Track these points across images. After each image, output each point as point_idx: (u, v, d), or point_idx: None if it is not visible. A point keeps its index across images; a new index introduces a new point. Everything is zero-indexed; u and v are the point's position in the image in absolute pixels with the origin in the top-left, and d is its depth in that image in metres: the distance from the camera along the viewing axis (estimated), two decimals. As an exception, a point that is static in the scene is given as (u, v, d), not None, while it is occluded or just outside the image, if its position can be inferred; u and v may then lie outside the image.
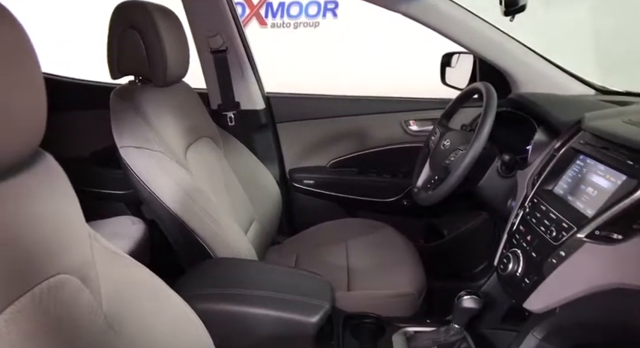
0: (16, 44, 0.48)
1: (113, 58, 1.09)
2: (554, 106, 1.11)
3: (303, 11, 4.58)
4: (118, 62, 1.09)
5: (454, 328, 0.95)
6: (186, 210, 1.05)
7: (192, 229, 1.05)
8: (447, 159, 1.17)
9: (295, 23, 4.53)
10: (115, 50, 1.08)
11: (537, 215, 0.89)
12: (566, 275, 0.76)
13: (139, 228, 1.61)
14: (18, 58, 0.48)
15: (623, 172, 0.75)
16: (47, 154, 0.60)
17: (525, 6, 0.81)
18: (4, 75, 0.46)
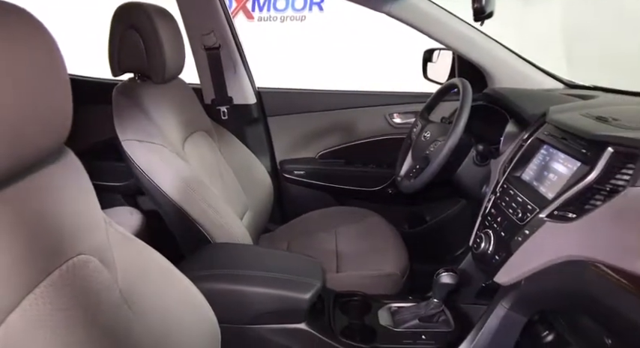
0: (46, 50, 0.54)
1: (114, 57, 1.14)
2: (523, 100, 1.19)
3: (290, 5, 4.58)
4: (118, 60, 1.14)
5: (433, 302, 1.04)
6: (186, 199, 1.11)
7: (192, 217, 1.11)
8: (428, 149, 1.26)
9: (282, 17, 4.52)
10: (116, 49, 1.13)
11: (506, 199, 0.98)
12: (529, 251, 0.85)
13: (137, 218, 1.67)
14: (48, 62, 0.54)
15: (579, 160, 0.84)
16: (69, 149, 0.67)
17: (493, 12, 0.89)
18: (36, 79, 0.52)
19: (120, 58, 1.14)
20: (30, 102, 0.51)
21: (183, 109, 1.30)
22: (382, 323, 1.08)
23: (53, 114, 0.56)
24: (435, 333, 1.04)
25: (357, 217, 1.62)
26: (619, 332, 0.71)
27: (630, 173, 0.72)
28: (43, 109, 0.54)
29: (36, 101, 0.52)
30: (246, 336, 0.95)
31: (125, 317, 0.71)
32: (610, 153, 0.77)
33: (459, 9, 1.47)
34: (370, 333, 1.05)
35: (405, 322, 1.06)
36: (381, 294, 1.21)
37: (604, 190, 0.76)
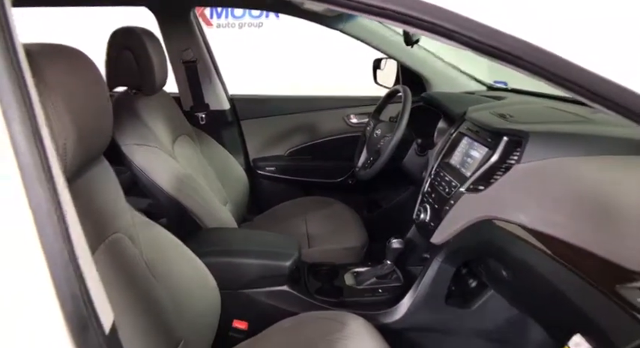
0: (95, 80, 0.71)
1: (111, 73, 1.29)
2: (450, 102, 1.45)
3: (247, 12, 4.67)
4: (115, 76, 1.29)
5: (387, 263, 1.28)
6: (180, 192, 1.28)
7: (186, 206, 1.29)
8: (379, 144, 1.49)
9: (240, 23, 4.58)
10: (113, 67, 1.28)
11: (438, 179, 1.23)
12: (454, 216, 1.10)
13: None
14: (97, 90, 0.71)
15: (486, 146, 1.10)
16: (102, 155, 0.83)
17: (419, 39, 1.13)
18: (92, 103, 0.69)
19: (116, 75, 1.29)
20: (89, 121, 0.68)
21: (170, 116, 1.46)
22: (347, 283, 1.31)
23: (101, 130, 0.73)
24: (388, 287, 1.27)
25: (322, 205, 1.84)
26: (511, 266, 0.96)
27: (517, 155, 0.98)
28: (96, 126, 0.71)
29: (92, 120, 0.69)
30: (239, 298, 1.14)
31: (150, 283, 0.88)
32: (505, 141, 1.03)
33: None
34: (338, 291, 1.27)
35: (365, 281, 1.29)
36: (346, 262, 1.44)
37: (502, 168, 1.02)
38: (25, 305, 0.40)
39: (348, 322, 1.04)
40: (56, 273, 0.40)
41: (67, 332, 0.40)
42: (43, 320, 0.40)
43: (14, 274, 0.40)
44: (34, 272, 0.40)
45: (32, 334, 0.40)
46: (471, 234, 1.05)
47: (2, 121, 0.40)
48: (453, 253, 1.13)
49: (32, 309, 0.40)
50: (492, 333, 1.17)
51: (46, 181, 0.40)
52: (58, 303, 0.40)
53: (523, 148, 0.95)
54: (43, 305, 0.40)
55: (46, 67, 0.59)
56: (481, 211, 1.02)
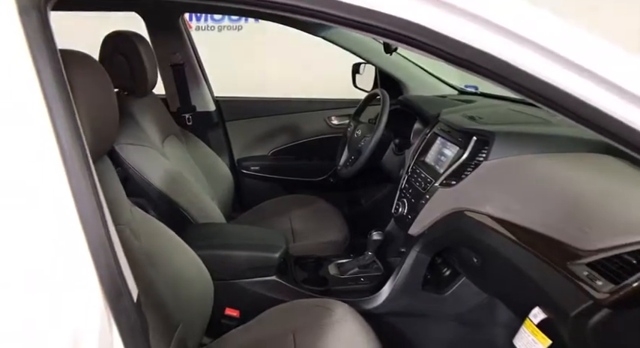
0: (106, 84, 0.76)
1: None
2: (425, 105, 1.55)
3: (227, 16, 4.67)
4: None
5: (368, 254, 1.36)
6: (172, 189, 1.33)
7: (177, 202, 1.33)
8: (359, 143, 1.57)
9: (219, 26, 4.58)
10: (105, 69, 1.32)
11: (415, 176, 1.32)
12: (429, 209, 1.19)
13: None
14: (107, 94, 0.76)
15: (457, 145, 1.19)
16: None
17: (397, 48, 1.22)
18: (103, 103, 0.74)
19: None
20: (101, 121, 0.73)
21: (160, 116, 1.50)
22: (332, 273, 1.38)
23: (109, 129, 0.78)
24: (370, 276, 1.36)
25: (305, 202, 1.90)
26: (481, 252, 1.06)
27: (485, 153, 1.08)
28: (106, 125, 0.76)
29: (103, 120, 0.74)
30: (231, 288, 1.20)
31: (149, 272, 0.93)
32: (474, 140, 1.13)
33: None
34: (323, 281, 1.35)
35: (349, 270, 1.37)
36: (329, 255, 1.51)
37: (472, 165, 1.11)
38: (68, 275, 0.46)
39: (334, 309, 1.11)
40: (94, 246, 0.46)
41: (104, 300, 0.46)
42: (83, 288, 0.46)
43: (58, 247, 0.45)
44: (75, 245, 0.46)
45: (75, 301, 0.46)
46: (445, 225, 1.14)
47: (47, 115, 0.46)
48: (429, 243, 1.22)
49: (74, 278, 0.46)
50: (464, 316, 1.27)
51: (84, 165, 0.47)
52: (96, 274, 0.46)
53: (490, 147, 1.06)
54: (84, 275, 0.46)
55: (67, 71, 0.64)
56: (453, 204, 1.11)
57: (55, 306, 0.45)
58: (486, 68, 0.50)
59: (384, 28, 0.52)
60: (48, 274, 0.45)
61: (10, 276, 0.43)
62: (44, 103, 0.46)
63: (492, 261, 1.02)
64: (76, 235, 0.46)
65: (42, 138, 0.45)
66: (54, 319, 0.44)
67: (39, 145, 0.45)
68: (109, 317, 0.47)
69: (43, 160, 0.45)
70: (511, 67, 0.49)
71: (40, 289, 0.44)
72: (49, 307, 0.45)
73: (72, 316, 0.45)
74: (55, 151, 0.46)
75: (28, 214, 0.44)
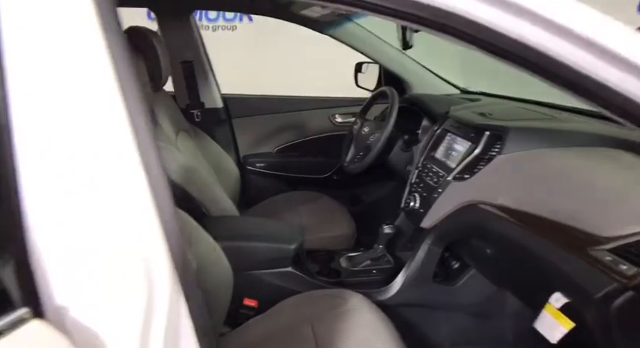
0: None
1: None
2: (433, 103, 1.58)
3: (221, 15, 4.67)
4: None
5: (379, 248, 1.38)
6: (187, 182, 1.32)
7: (193, 196, 1.33)
8: (368, 140, 1.59)
9: (214, 26, 4.56)
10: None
11: (426, 171, 1.34)
12: (442, 202, 1.21)
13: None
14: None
15: (469, 141, 1.22)
16: None
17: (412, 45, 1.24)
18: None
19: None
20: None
21: (172, 112, 1.50)
22: (343, 266, 1.39)
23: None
24: (381, 268, 1.37)
25: (311, 198, 1.91)
26: (494, 243, 1.08)
27: (498, 147, 1.10)
28: None
29: None
30: (249, 279, 1.20)
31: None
32: (487, 135, 1.15)
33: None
34: (336, 273, 1.36)
35: (360, 263, 1.38)
36: (338, 248, 1.52)
37: (484, 159, 1.14)
38: (142, 246, 0.46)
39: (349, 298, 1.12)
40: (164, 219, 0.46)
41: (172, 269, 0.47)
42: (155, 258, 0.46)
43: (134, 220, 0.46)
44: (148, 218, 0.46)
45: (148, 270, 0.46)
46: (458, 217, 1.16)
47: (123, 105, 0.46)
48: (441, 235, 1.24)
49: (148, 249, 0.46)
50: (473, 307, 1.30)
51: (152, 147, 0.47)
52: (166, 246, 0.47)
53: (504, 141, 1.08)
54: (156, 246, 0.46)
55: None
56: (467, 197, 1.14)
57: (131, 271, 0.46)
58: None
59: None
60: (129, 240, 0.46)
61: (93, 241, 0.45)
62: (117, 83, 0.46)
63: (507, 251, 1.04)
64: (148, 205, 0.47)
65: (114, 111, 0.46)
66: (130, 284, 0.45)
67: (112, 119, 0.46)
68: (177, 288, 0.48)
69: (117, 136, 0.46)
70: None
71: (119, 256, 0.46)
72: (126, 272, 0.46)
73: (146, 283, 0.46)
74: (127, 126, 0.46)
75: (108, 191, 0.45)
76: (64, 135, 0.45)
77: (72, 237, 0.45)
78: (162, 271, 0.48)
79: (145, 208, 0.47)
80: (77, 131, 0.45)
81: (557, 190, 0.90)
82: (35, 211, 0.43)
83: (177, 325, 0.49)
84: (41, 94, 0.44)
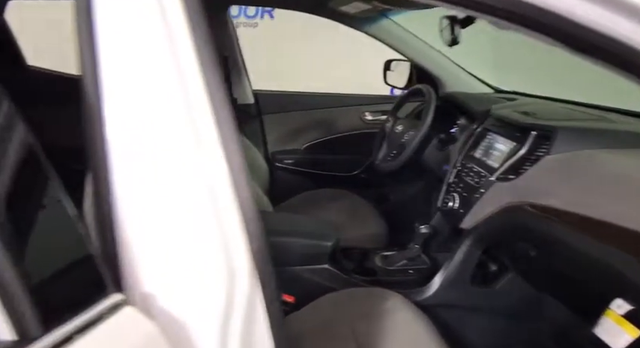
0: None
1: None
2: (471, 102, 1.55)
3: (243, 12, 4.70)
4: None
5: (415, 247, 1.36)
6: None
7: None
8: (402, 138, 1.57)
9: (235, 23, 4.59)
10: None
11: (465, 171, 1.32)
12: (484, 202, 1.19)
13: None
14: None
15: (513, 140, 1.19)
16: None
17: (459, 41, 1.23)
18: None
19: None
20: None
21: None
22: (378, 265, 1.38)
23: None
24: (417, 269, 1.36)
25: (338, 196, 1.90)
26: (542, 246, 1.06)
27: (546, 147, 1.07)
28: None
29: None
30: (286, 275, 1.20)
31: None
32: (533, 135, 1.12)
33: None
34: (372, 271, 1.34)
35: (396, 262, 1.37)
36: (371, 247, 1.51)
37: (530, 159, 1.11)
38: (224, 235, 0.47)
39: (387, 298, 1.11)
40: (244, 208, 0.47)
41: (251, 257, 0.47)
42: (235, 246, 0.47)
43: (217, 210, 0.46)
44: (230, 208, 0.47)
45: (229, 258, 0.47)
46: (501, 218, 1.14)
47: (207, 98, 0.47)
48: (482, 236, 1.22)
49: (229, 237, 0.47)
50: (511, 310, 1.27)
51: (235, 141, 0.48)
52: (245, 234, 0.47)
53: (552, 142, 1.05)
54: (236, 234, 0.47)
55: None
56: (511, 197, 1.11)
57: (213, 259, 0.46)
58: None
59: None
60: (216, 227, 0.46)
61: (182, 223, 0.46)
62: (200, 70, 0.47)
63: (558, 254, 1.02)
64: (230, 196, 0.47)
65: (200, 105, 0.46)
66: (213, 272, 0.46)
67: (198, 112, 0.46)
68: (255, 275, 0.48)
69: (201, 131, 0.46)
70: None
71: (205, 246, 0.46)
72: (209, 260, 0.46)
73: (227, 270, 0.47)
74: (212, 120, 0.46)
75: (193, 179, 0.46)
76: (153, 130, 0.45)
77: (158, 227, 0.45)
78: (241, 258, 0.48)
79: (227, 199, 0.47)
80: (164, 126, 0.46)
81: (614, 193, 0.87)
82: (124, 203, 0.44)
83: (254, 312, 0.49)
84: (132, 90, 0.45)
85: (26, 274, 0.34)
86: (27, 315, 0.33)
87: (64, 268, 0.39)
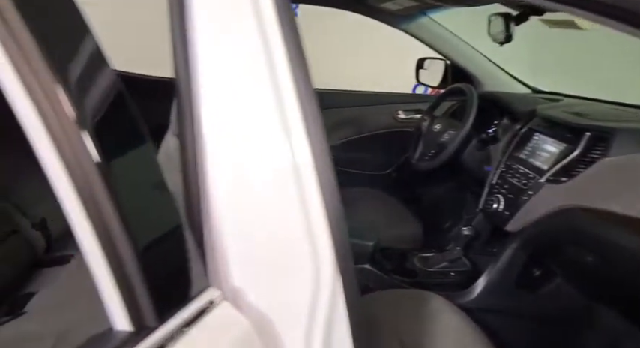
0: None
1: None
2: (514, 101, 1.52)
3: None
4: None
5: (456, 249, 1.34)
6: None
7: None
8: (442, 138, 1.55)
9: None
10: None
11: (511, 172, 1.29)
12: (533, 205, 1.16)
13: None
14: None
15: (564, 142, 1.16)
16: None
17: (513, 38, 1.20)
18: None
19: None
20: None
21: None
22: (418, 266, 1.37)
23: None
24: (459, 271, 1.34)
25: (370, 195, 1.89)
26: (597, 249, 1.03)
27: (601, 149, 1.04)
28: None
29: None
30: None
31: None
32: (588, 136, 1.09)
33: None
34: (412, 272, 1.33)
35: (437, 264, 1.35)
36: (409, 247, 1.49)
37: (585, 161, 1.08)
38: (310, 230, 0.46)
39: (430, 299, 1.10)
40: (329, 205, 0.46)
41: (334, 251, 0.47)
42: (320, 241, 0.46)
43: (303, 205, 0.46)
44: (315, 203, 0.46)
45: (315, 253, 0.46)
46: (553, 221, 1.11)
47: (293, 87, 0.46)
48: (529, 239, 1.19)
49: (314, 233, 0.46)
50: (557, 318, 1.24)
51: (321, 135, 0.47)
52: (329, 228, 0.46)
53: (610, 144, 1.02)
54: (321, 228, 0.46)
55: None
56: (564, 201, 1.08)
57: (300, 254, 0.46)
58: None
59: None
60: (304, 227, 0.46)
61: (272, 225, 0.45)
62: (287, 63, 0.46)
63: (616, 261, 0.98)
64: (315, 191, 0.46)
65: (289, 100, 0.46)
66: (299, 266, 0.46)
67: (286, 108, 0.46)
68: (337, 269, 0.48)
69: (288, 126, 0.46)
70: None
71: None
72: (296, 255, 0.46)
73: (312, 265, 0.46)
74: (299, 115, 0.46)
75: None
76: (243, 126, 0.45)
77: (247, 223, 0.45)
78: (326, 252, 0.47)
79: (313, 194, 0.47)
80: (253, 122, 0.46)
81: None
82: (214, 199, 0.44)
83: (335, 304, 0.49)
84: (226, 88, 0.45)
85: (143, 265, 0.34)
86: (143, 306, 0.33)
87: (168, 258, 0.39)
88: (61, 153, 0.32)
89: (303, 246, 0.46)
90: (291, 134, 0.47)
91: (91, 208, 0.32)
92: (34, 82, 0.31)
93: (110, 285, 0.32)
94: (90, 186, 0.32)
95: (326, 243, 0.48)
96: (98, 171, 0.32)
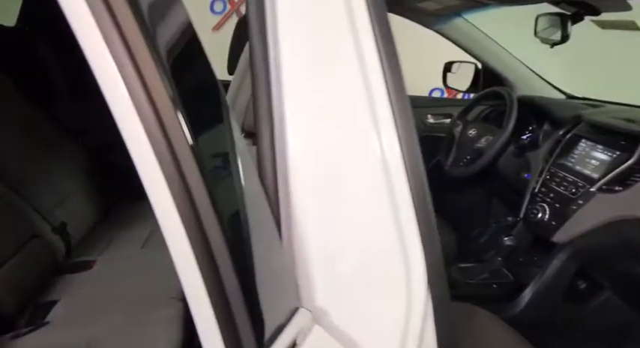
0: None
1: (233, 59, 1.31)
2: (554, 107, 1.47)
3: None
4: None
5: (497, 260, 1.29)
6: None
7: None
8: (478, 143, 1.50)
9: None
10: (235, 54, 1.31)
11: (556, 180, 1.24)
12: (583, 215, 1.11)
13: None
14: None
15: (618, 149, 1.11)
16: None
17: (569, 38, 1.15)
18: None
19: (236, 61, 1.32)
20: None
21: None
22: (457, 277, 1.32)
23: None
24: (501, 283, 1.28)
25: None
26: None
27: (660, 157, 0.99)
28: None
29: None
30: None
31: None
32: (645, 144, 1.04)
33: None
34: (451, 285, 1.28)
35: (477, 276, 1.30)
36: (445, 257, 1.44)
37: (640, 170, 1.03)
38: (402, 245, 0.43)
39: (474, 314, 1.05)
40: (421, 216, 0.43)
41: (425, 267, 0.43)
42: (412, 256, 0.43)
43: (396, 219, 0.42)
44: (408, 217, 0.43)
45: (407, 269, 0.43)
46: (606, 233, 1.06)
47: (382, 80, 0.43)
48: (579, 251, 1.14)
49: (407, 248, 0.43)
50: (605, 333, 1.19)
51: (415, 145, 0.44)
52: (421, 243, 0.43)
53: (671, 151, 0.97)
54: (414, 243, 0.43)
55: None
56: (619, 211, 1.03)
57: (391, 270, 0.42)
58: None
59: None
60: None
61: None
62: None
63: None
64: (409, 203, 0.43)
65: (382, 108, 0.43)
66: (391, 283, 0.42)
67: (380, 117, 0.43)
68: (428, 298, 0.44)
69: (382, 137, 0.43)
70: None
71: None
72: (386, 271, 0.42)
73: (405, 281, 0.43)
74: (392, 125, 0.43)
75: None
76: (329, 133, 0.42)
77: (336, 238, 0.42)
78: (417, 264, 0.44)
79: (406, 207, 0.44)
80: (341, 128, 0.43)
81: None
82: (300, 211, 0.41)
83: (425, 331, 0.45)
84: (312, 92, 0.42)
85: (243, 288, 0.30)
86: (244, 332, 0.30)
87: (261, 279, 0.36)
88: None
89: (395, 258, 0.43)
90: (384, 143, 0.44)
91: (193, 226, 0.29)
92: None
93: (209, 313, 0.28)
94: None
95: (418, 253, 0.44)
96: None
